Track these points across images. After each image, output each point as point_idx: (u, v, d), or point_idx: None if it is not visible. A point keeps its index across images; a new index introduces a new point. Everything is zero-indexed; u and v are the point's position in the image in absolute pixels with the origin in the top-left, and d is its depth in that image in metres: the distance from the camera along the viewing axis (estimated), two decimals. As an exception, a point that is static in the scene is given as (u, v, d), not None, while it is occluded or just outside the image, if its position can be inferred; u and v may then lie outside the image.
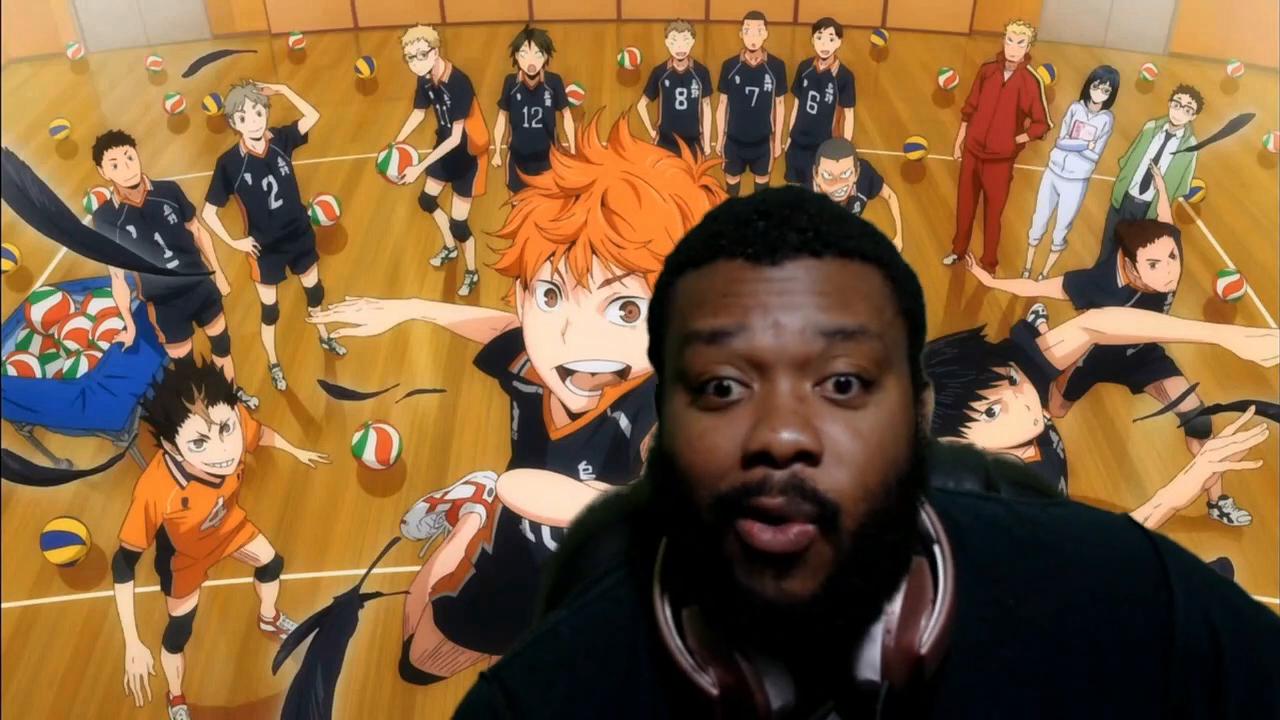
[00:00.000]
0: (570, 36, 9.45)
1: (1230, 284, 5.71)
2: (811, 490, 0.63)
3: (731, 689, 0.68)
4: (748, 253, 0.67)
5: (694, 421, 0.67)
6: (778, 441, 0.62)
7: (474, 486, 2.96)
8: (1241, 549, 4.08)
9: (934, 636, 0.67)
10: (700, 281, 0.69)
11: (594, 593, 0.79)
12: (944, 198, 6.71)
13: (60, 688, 3.65)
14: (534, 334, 2.29)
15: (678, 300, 0.70)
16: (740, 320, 0.65)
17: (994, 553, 0.74)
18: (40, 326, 4.86)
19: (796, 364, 0.65)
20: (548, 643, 0.78)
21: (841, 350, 0.65)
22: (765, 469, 0.63)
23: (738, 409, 0.65)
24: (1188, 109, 5.02)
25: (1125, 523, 0.77)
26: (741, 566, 0.64)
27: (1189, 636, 0.71)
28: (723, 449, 0.65)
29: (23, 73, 9.15)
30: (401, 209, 6.50)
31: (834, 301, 0.66)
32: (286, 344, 5.24)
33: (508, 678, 0.77)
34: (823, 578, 0.63)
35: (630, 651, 0.75)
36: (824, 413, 0.64)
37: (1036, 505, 0.78)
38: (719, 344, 0.66)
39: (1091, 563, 0.73)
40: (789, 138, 5.77)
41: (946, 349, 2.43)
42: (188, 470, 3.02)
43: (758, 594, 0.64)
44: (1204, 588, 0.73)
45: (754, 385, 0.65)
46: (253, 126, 4.45)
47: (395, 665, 3.20)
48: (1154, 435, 4.62)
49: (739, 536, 0.64)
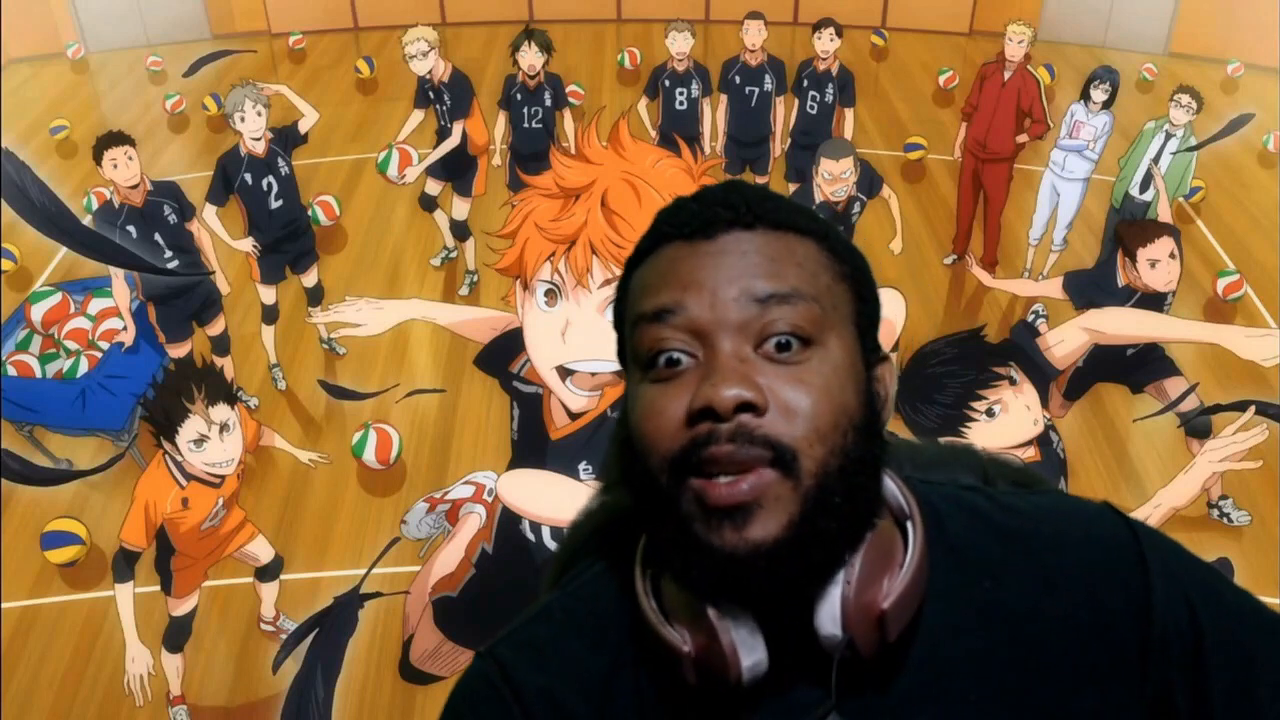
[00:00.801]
0: (570, 36, 9.45)
1: (1230, 284, 5.71)
2: (761, 436, 0.65)
3: (703, 648, 0.70)
4: (684, 232, 0.72)
5: (645, 393, 0.70)
6: (719, 396, 0.65)
7: (474, 486, 2.96)
8: (1241, 549, 4.08)
9: (895, 594, 0.69)
10: (646, 270, 0.74)
11: (584, 576, 0.82)
12: (944, 198, 6.71)
13: (60, 688, 3.65)
14: (534, 334, 2.29)
15: (631, 291, 0.75)
16: (679, 296, 0.69)
17: (971, 536, 0.75)
18: (40, 326, 4.86)
19: (735, 328, 0.68)
20: (540, 621, 0.81)
21: (778, 314, 0.68)
22: (710, 424, 0.66)
23: (685, 377, 0.69)
24: (1188, 109, 5.02)
25: (1104, 508, 0.78)
26: (700, 523, 0.67)
27: (1166, 618, 0.72)
28: (670, 412, 0.68)
29: (23, 73, 9.15)
30: (401, 209, 6.50)
31: (767, 269, 0.70)
32: (286, 344, 5.24)
33: (501, 654, 0.79)
34: (784, 520, 0.65)
35: (617, 629, 0.77)
36: (765, 369, 0.67)
37: (1017, 494, 0.80)
38: (662, 321, 0.70)
39: (1068, 546, 0.75)
40: (789, 138, 5.77)
41: (946, 349, 2.43)
42: (188, 470, 3.02)
43: (717, 547, 0.66)
44: (1182, 571, 0.74)
45: (699, 355, 0.69)
46: (253, 126, 4.45)
47: (395, 665, 3.20)
48: (1154, 435, 4.62)
49: (696, 495, 0.66)
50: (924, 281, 5.91)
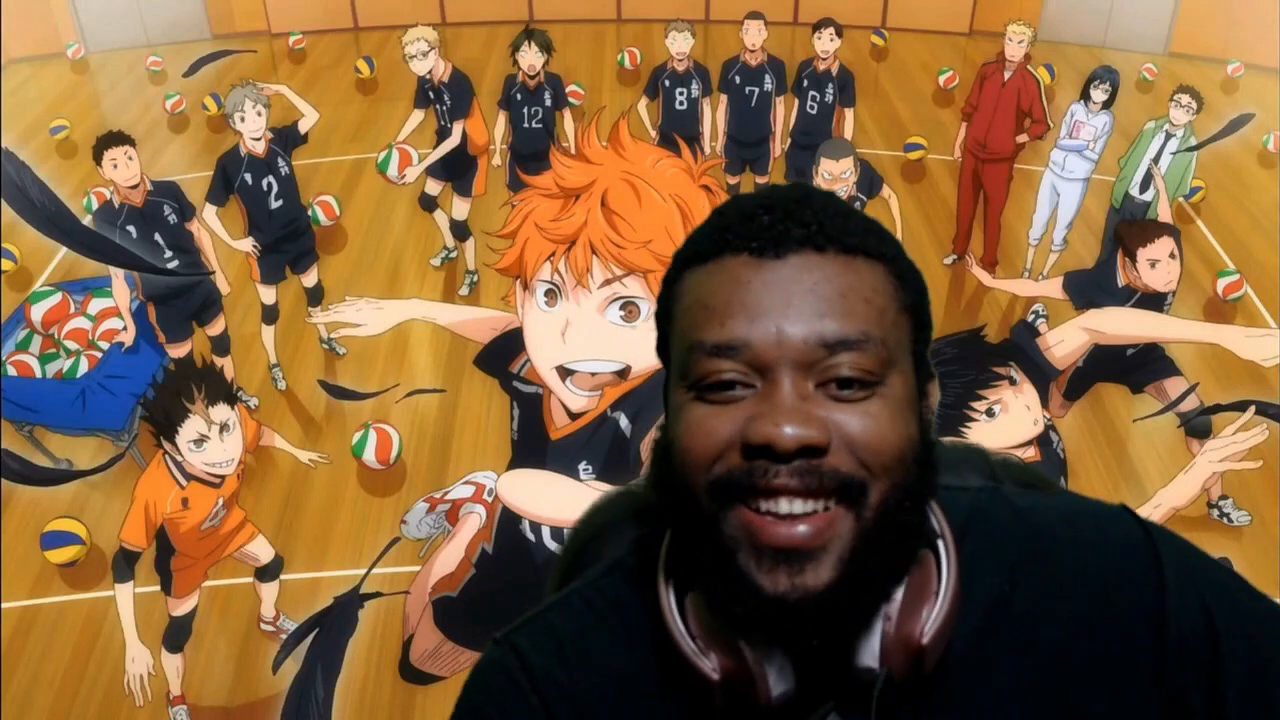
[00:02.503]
0: (570, 36, 9.45)
1: (1230, 284, 5.71)
2: (827, 471, 0.64)
3: (732, 674, 0.68)
4: (752, 247, 0.68)
5: (693, 410, 0.68)
6: (781, 435, 0.63)
7: (474, 486, 2.96)
8: (1241, 549, 4.08)
9: (936, 627, 0.68)
10: (706, 279, 0.69)
11: (604, 571, 0.81)
12: (944, 198, 6.71)
13: (60, 688, 3.65)
14: (534, 334, 2.29)
15: (683, 298, 0.71)
16: (744, 332, 0.66)
17: (989, 541, 0.75)
18: (40, 326, 4.85)
19: (800, 367, 0.66)
20: (560, 611, 0.79)
21: (845, 359, 0.66)
22: (767, 461, 0.64)
23: (740, 403, 0.66)
24: (1188, 109, 5.02)
25: (1119, 511, 0.78)
26: (748, 558, 0.65)
27: (1181, 621, 0.71)
28: (721, 434, 0.66)
29: (23, 73, 9.15)
30: (401, 209, 6.50)
31: (837, 308, 0.66)
32: (286, 344, 5.24)
33: (520, 642, 0.78)
34: (837, 562, 0.64)
35: (638, 633, 0.76)
36: (827, 405, 0.65)
37: (1032, 496, 0.79)
38: (723, 356, 0.66)
39: (1084, 548, 0.74)
40: (789, 138, 5.77)
41: (946, 349, 2.43)
42: (188, 470, 3.02)
43: (766, 590, 0.64)
44: (1198, 574, 0.74)
45: (756, 383, 0.66)
46: (253, 126, 4.45)
47: (395, 665, 3.20)
48: (1154, 435, 4.62)
49: (744, 526, 0.65)
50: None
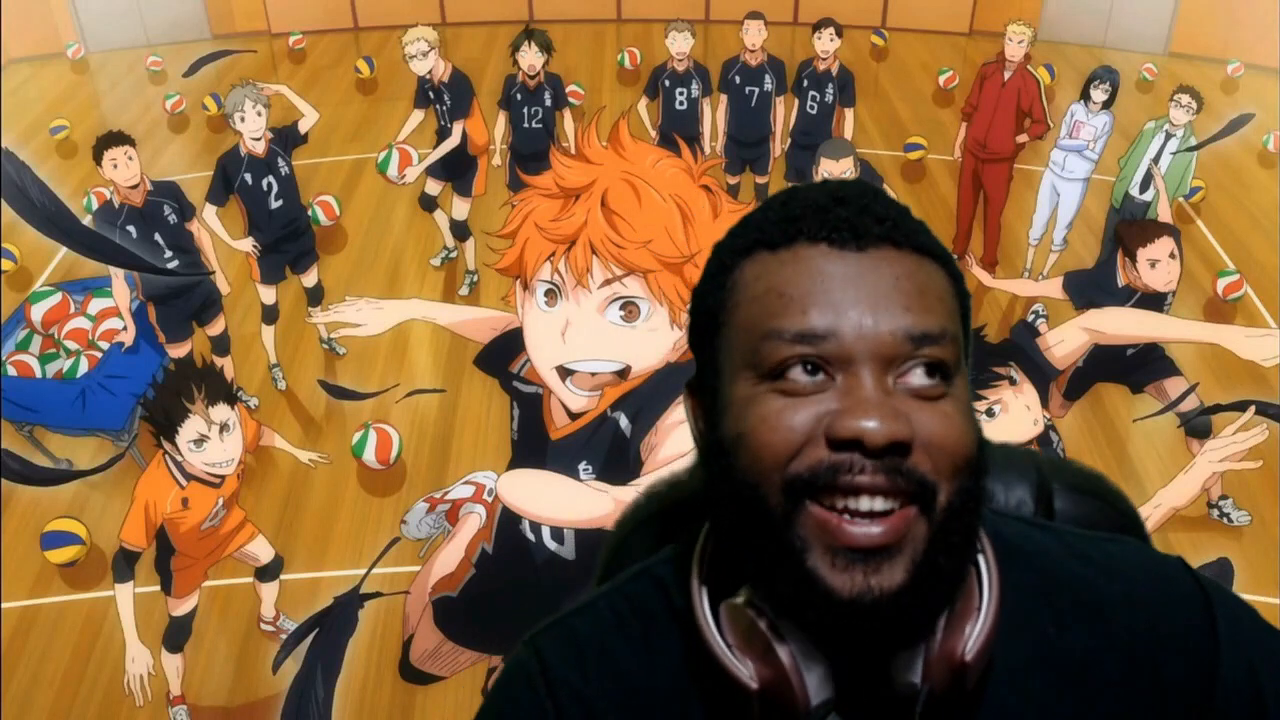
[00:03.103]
0: (570, 36, 9.45)
1: (1230, 284, 5.71)
2: (910, 469, 0.63)
3: (771, 683, 0.67)
4: (832, 237, 0.66)
5: (768, 401, 0.65)
6: (872, 430, 0.62)
7: (474, 486, 2.96)
8: (1242, 549, 4.08)
9: (979, 644, 0.66)
10: (781, 267, 0.67)
11: (633, 572, 0.79)
12: (944, 198, 6.71)
13: (60, 688, 3.65)
14: (534, 334, 2.29)
15: (750, 286, 0.68)
16: (832, 321, 0.64)
17: (1041, 580, 0.73)
18: (40, 326, 4.85)
19: (884, 361, 0.64)
20: (585, 615, 0.78)
21: (927, 352, 0.65)
22: (854, 454, 0.62)
23: (817, 395, 0.64)
24: (1188, 109, 5.02)
25: (1179, 566, 0.76)
26: (820, 560, 0.63)
27: (1231, 688, 0.70)
28: (801, 428, 0.64)
29: (23, 73, 9.15)
30: (401, 209, 6.50)
31: (918, 303, 0.66)
32: (286, 344, 5.24)
33: (543, 645, 0.77)
34: (910, 563, 0.63)
35: (663, 635, 0.74)
36: (908, 404, 0.64)
37: (1090, 540, 0.77)
38: (807, 343, 0.65)
39: (1138, 604, 0.72)
40: (789, 138, 5.77)
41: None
42: (188, 470, 3.02)
43: (841, 591, 0.63)
44: (1253, 640, 0.73)
45: (836, 376, 0.65)
46: (253, 126, 4.45)
47: (395, 665, 3.20)
48: (1154, 435, 4.62)
49: (818, 526, 0.63)
50: None
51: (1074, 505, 0.85)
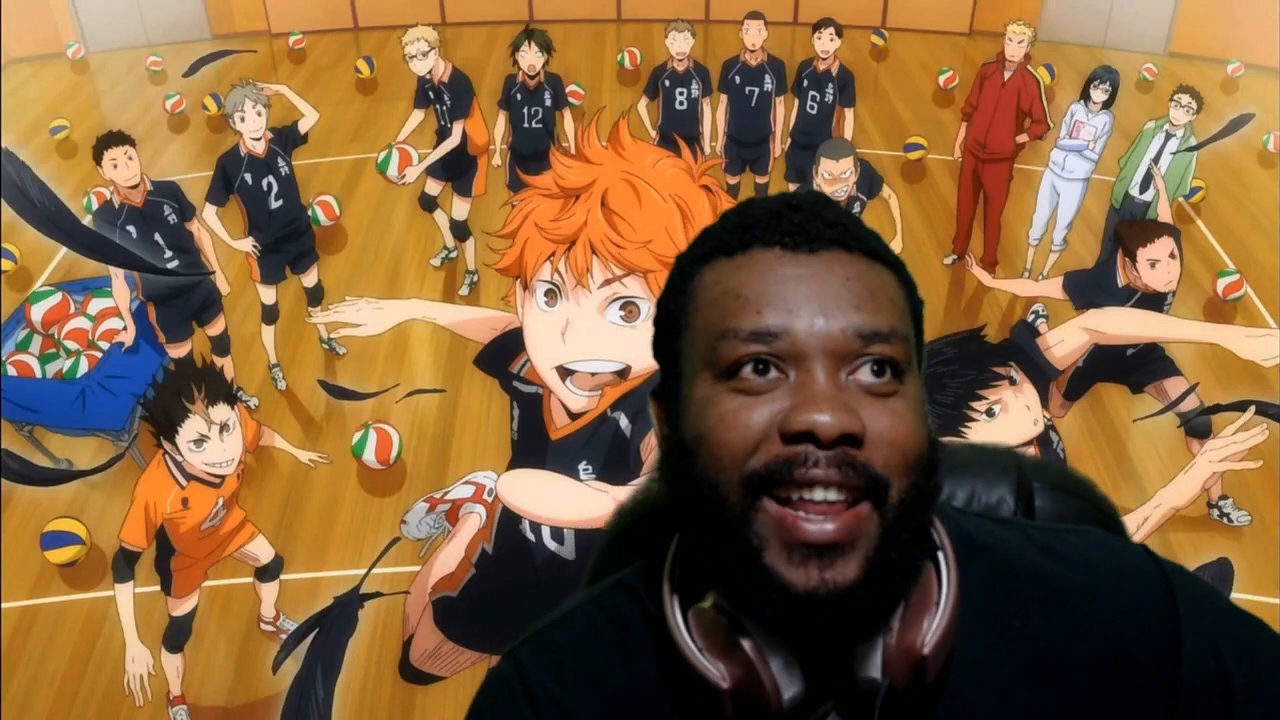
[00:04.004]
0: (570, 36, 9.45)
1: (1230, 284, 5.71)
2: (863, 464, 0.64)
3: (741, 681, 0.68)
4: (784, 241, 0.69)
5: (725, 400, 0.67)
6: (824, 423, 0.64)
7: (474, 486, 2.96)
8: (1242, 549, 4.08)
9: (936, 638, 0.68)
10: (735, 272, 0.70)
11: (609, 583, 0.81)
12: (944, 198, 6.71)
13: (60, 688, 3.65)
14: (534, 334, 2.29)
15: (708, 290, 0.71)
16: (784, 320, 0.67)
17: (1003, 573, 0.74)
18: (40, 326, 4.85)
19: (835, 357, 0.66)
20: (562, 626, 0.80)
21: (877, 350, 0.67)
22: (808, 447, 0.64)
23: (771, 392, 0.66)
24: (1188, 109, 5.02)
25: (1141, 556, 0.77)
26: (777, 556, 0.65)
27: (1196, 671, 0.71)
28: (756, 425, 0.66)
29: (23, 73, 9.15)
30: (401, 209, 6.50)
31: (868, 302, 0.68)
32: (286, 344, 5.24)
33: (522, 656, 0.79)
34: (864, 558, 0.64)
35: (638, 642, 0.76)
36: (860, 400, 0.66)
37: (1053, 532, 0.78)
38: (761, 341, 0.67)
39: (1101, 593, 0.74)
40: (789, 138, 5.77)
41: (946, 349, 2.43)
42: (188, 470, 3.02)
43: (797, 585, 0.64)
44: (1216, 623, 0.74)
45: (790, 373, 0.67)
46: (253, 126, 4.45)
47: (395, 665, 3.20)
48: (1154, 435, 4.62)
49: (775, 523, 0.65)
50: (924, 281, 5.76)
51: (1053, 503, 0.86)
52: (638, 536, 0.86)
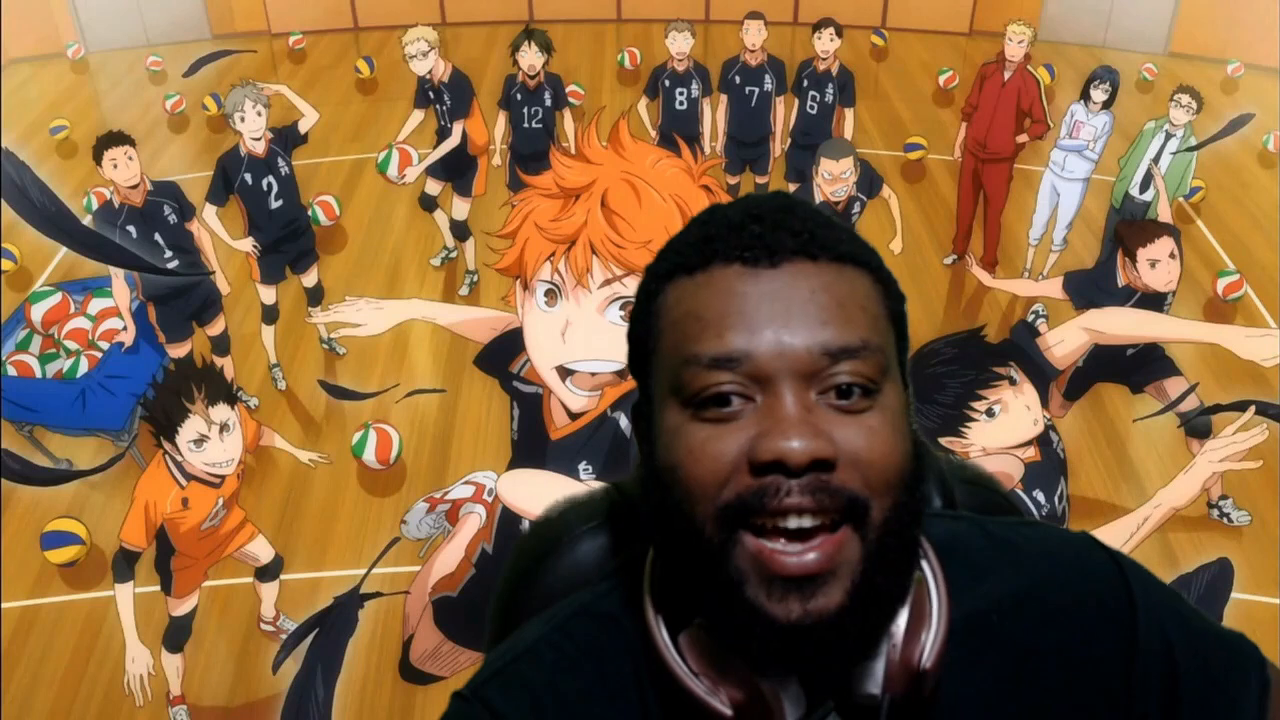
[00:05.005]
0: (570, 36, 9.45)
1: (1230, 284, 5.71)
2: (837, 488, 0.62)
3: (744, 707, 0.67)
4: (744, 256, 0.66)
5: (694, 431, 0.65)
6: (791, 450, 0.61)
7: (474, 486, 2.96)
8: (1241, 549, 4.08)
9: (935, 651, 0.67)
10: (696, 291, 0.67)
11: (572, 609, 0.77)
12: (944, 198, 6.71)
13: (60, 688, 3.65)
14: (534, 334, 2.29)
15: (670, 311, 0.68)
16: (744, 343, 0.64)
17: (972, 570, 0.74)
18: (40, 326, 4.85)
19: (802, 377, 0.64)
20: (529, 661, 0.74)
21: (847, 367, 0.64)
22: (778, 477, 0.62)
23: (740, 419, 0.64)
24: (1188, 109, 5.02)
25: (1089, 542, 0.77)
26: (757, 589, 0.63)
27: (1149, 652, 0.72)
28: (726, 457, 0.63)
29: (23, 73, 9.15)
30: (401, 209, 6.50)
31: (836, 316, 0.65)
32: (286, 344, 5.24)
33: (491, 697, 0.73)
34: (848, 584, 0.63)
35: (619, 674, 0.72)
36: (831, 419, 0.63)
37: (1008, 525, 0.79)
38: (722, 368, 0.64)
39: (1063, 583, 0.74)
40: (789, 138, 5.77)
41: (946, 349, 2.43)
42: (188, 470, 3.02)
43: (779, 619, 0.62)
44: (1161, 605, 0.74)
45: (756, 397, 0.64)
46: (253, 126, 4.45)
47: (395, 665, 3.20)
48: (1154, 435, 4.62)
49: (753, 557, 0.63)
50: (924, 281, 5.91)
51: (970, 495, 0.87)
52: (593, 549, 0.83)
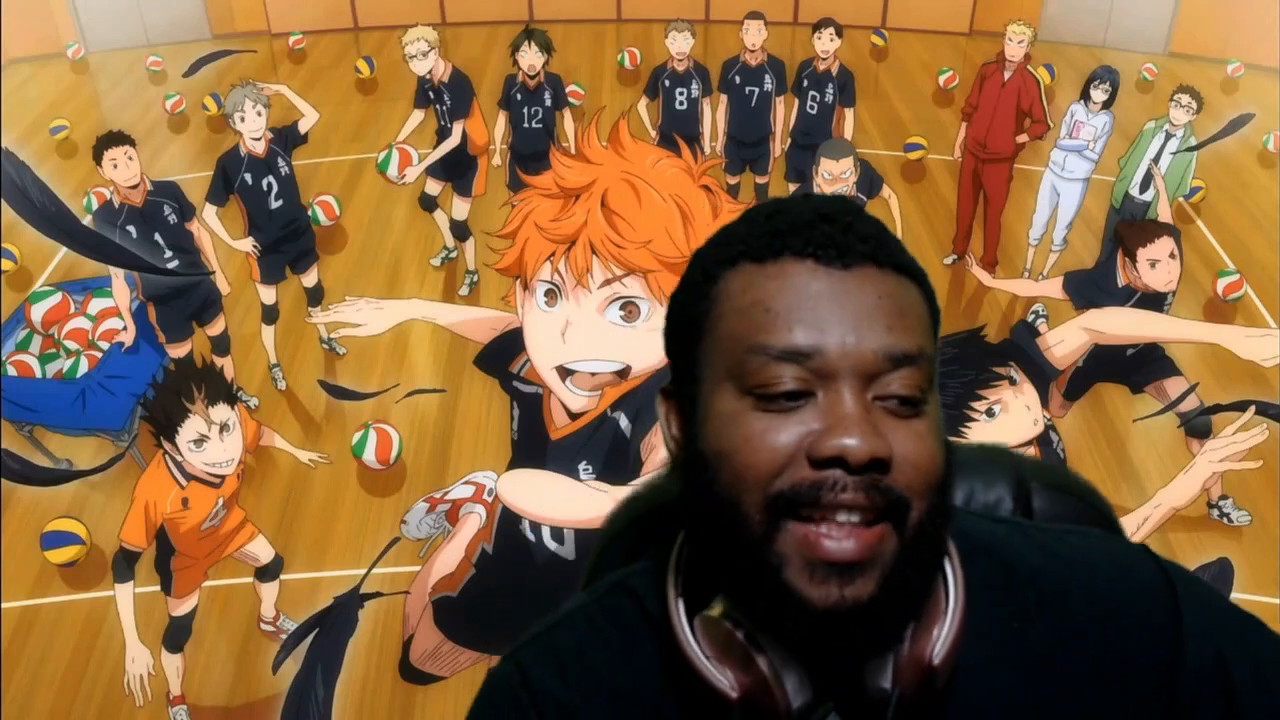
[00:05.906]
0: (570, 36, 9.45)
1: (1230, 284, 5.71)
2: (887, 488, 0.64)
3: (750, 691, 0.68)
4: (818, 254, 0.67)
5: (751, 420, 0.66)
6: (854, 448, 0.63)
7: (474, 486, 2.96)
8: (1242, 549, 4.08)
9: (946, 648, 0.68)
10: (766, 282, 0.68)
11: (609, 583, 0.80)
12: (944, 198, 6.71)
13: (60, 688, 3.65)
14: (534, 334, 2.29)
15: (735, 298, 0.69)
16: (817, 339, 0.65)
17: (1004, 575, 0.74)
18: (40, 326, 4.85)
19: (864, 379, 0.66)
20: (564, 628, 0.79)
21: (904, 374, 0.67)
22: (835, 472, 0.64)
23: (798, 412, 0.66)
24: (1188, 109, 5.02)
25: (1142, 555, 0.77)
26: (797, 573, 0.64)
27: (1198, 670, 0.71)
28: (784, 448, 0.65)
29: (23, 73, 9.15)
30: (401, 209, 6.50)
31: (899, 323, 0.67)
32: (286, 344, 5.24)
33: (524, 659, 0.78)
34: (881, 577, 0.64)
35: (640, 645, 0.75)
36: (885, 422, 0.66)
37: (1053, 533, 0.78)
38: (790, 361, 0.65)
39: (1100, 594, 0.74)
40: (789, 138, 5.77)
41: (946, 349, 2.43)
42: (188, 470, 3.02)
43: (816, 602, 0.64)
44: (1218, 623, 0.73)
45: (817, 393, 0.66)
46: (253, 126, 4.45)
47: (395, 665, 3.20)
48: (1154, 435, 4.62)
49: (798, 542, 0.64)
50: None
51: (1051, 502, 0.86)
52: (638, 535, 0.86)
